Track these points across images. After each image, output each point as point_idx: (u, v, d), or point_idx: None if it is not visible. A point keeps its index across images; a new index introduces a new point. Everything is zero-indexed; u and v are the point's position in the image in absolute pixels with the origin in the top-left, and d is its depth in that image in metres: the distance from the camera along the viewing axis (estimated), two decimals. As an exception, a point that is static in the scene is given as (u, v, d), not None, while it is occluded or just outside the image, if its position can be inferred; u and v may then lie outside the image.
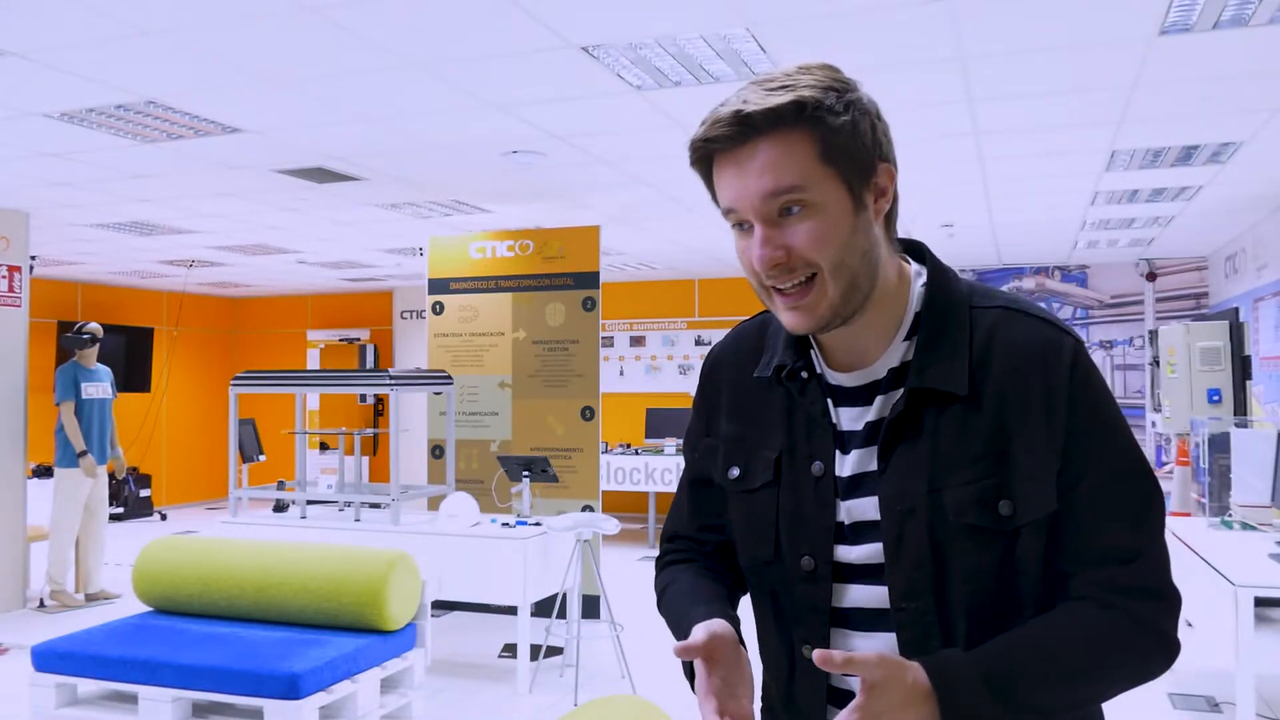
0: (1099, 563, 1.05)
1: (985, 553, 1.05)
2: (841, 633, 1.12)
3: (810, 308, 1.05)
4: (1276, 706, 4.34)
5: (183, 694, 3.60)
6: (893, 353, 1.12)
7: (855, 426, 1.13)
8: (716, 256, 8.88)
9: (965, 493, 1.05)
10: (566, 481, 6.20)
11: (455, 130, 4.64)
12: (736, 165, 1.04)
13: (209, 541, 4.34)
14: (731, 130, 1.02)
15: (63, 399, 6.39)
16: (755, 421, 1.20)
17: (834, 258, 1.03)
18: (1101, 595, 1.04)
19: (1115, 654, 1.04)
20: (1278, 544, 4.02)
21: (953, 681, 0.99)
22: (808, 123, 1.02)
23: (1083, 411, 1.06)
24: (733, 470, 1.21)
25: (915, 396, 1.08)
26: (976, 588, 1.05)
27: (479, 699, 4.62)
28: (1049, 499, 1.05)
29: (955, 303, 1.12)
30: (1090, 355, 1.11)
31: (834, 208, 1.03)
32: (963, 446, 1.06)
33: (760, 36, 3.44)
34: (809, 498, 1.13)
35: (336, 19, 3.26)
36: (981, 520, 1.04)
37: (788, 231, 1.03)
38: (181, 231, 7.41)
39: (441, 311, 6.69)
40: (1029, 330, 1.09)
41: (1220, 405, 6.57)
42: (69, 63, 3.69)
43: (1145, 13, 3.24)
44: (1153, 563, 1.06)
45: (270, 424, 11.36)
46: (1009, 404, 1.06)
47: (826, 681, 1.13)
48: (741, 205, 1.04)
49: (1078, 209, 6.65)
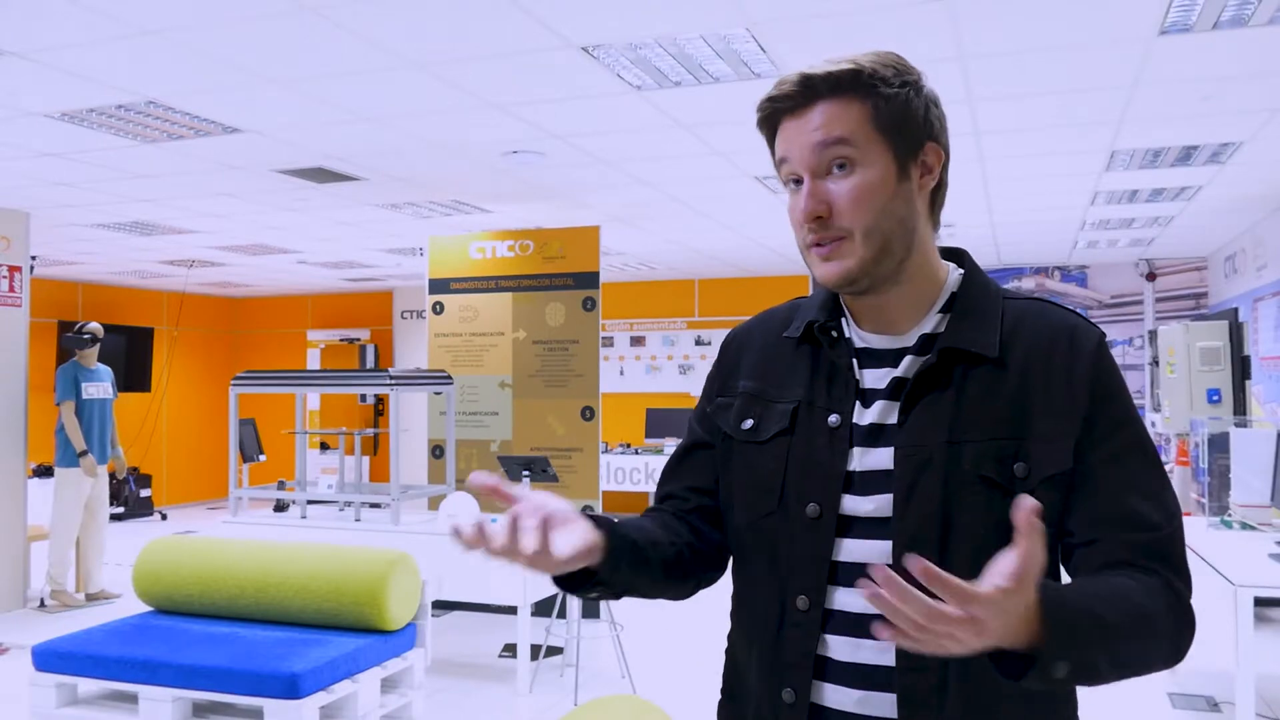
0: (1130, 527, 1.06)
1: (995, 510, 1.06)
2: (832, 587, 1.12)
3: (841, 259, 1.11)
4: (1276, 706, 4.34)
5: (183, 694, 3.60)
6: (925, 323, 1.17)
7: (879, 385, 1.16)
8: (716, 256, 8.88)
9: (985, 448, 1.08)
10: (566, 481, 6.20)
11: (455, 130, 4.64)
12: (796, 121, 1.13)
13: (209, 541, 4.34)
14: (795, 90, 1.12)
15: (63, 399, 6.39)
16: (776, 378, 1.23)
17: (869, 220, 1.10)
18: (1138, 559, 1.04)
19: (1161, 616, 1.02)
20: (1277, 544, 4.02)
21: (1060, 592, 0.96)
22: (864, 89, 1.10)
23: (1104, 391, 1.10)
24: (746, 422, 1.22)
25: (946, 355, 1.12)
26: (981, 545, 1.04)
27: (479, 699, 4.62)
28: (1064, 457, 1.07)
29: (990, 290, 1.19)
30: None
31: (878, 171, 1.11)
32: (986, 405, 1.10)
33: (760, 36, 3.45)
34: (823, 447, 1.14)
35: (336, 19, 3.26)
36: (998, 475, 1.07)
37: (832, 187, 1.11)
38: (181, 231, 7.42)
39: (441, 311, 6.69)
40: (1059, 316, 1.15)
41: (1220, 405, 6.57)
42: (69, 63, 3.69)
43: (1145, 13, 3.24)
44: (1178, 539, 1.07)
45: (270, 424, 11.36)
46: (1033, 372, 1.10)
47: (816, 637, 1.12)
48: (794, 156, 1.12)
49: (1078, 209, 6.65)
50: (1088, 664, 0.96)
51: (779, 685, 1.14)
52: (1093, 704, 4.44)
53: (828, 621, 1.12)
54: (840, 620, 1.12)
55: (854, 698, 1.10)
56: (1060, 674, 0.94)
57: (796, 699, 1.12)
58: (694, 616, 6.19)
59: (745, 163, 5.29)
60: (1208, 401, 6.60)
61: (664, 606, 6.49)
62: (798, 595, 1.13)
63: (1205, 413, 6.42)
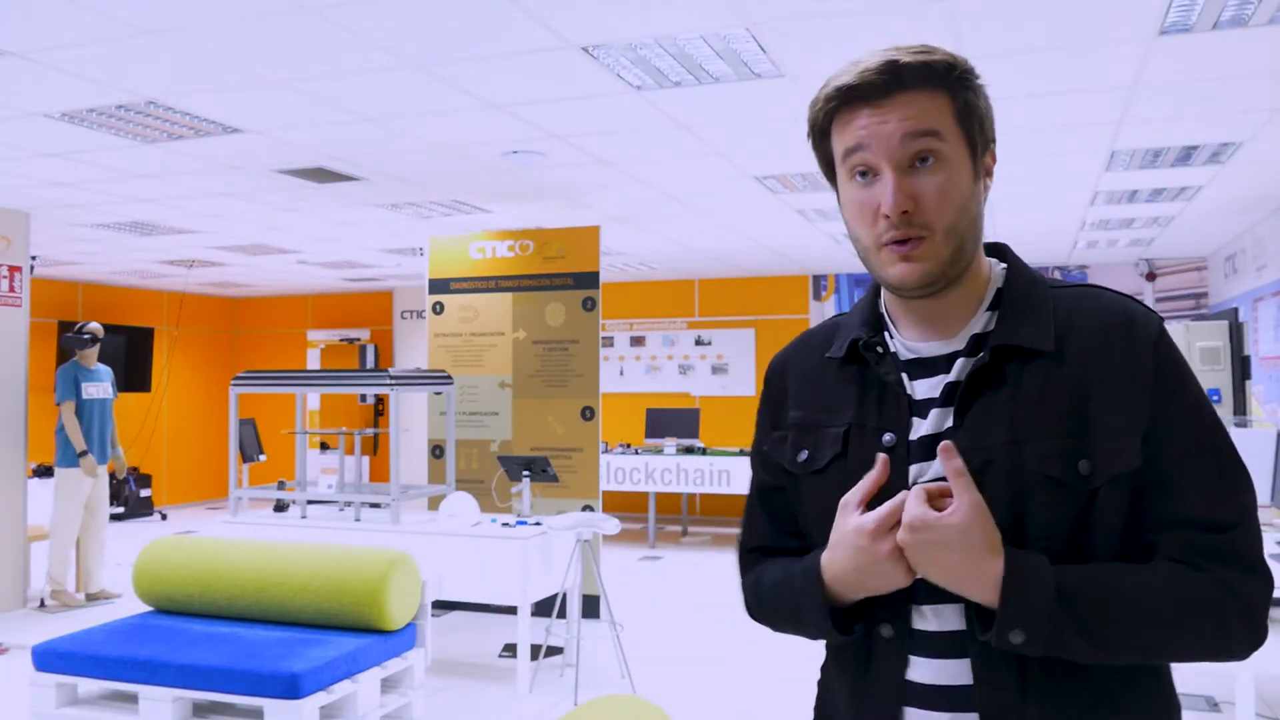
0: (1190, 528, 1.03)
1: (1063, 508, 1.02)
2: (915, 609, 1.09)
3: (921, 259, 1.06)
4: (1276, 706, 4.34)
5: (183, 694, 3.60)
6: (975, 323, 1.13)
7: (932, 394, 1.11)
8: (716, 256, 8.88)
9: (1047, 447, 1.03)
10: (566, 481, 6.20)
11: (455, 130, 4.64)
12: (876, 109, 1.06)
13: (209, 541, 4.34)
14: (880, 79, 1.05)
15: (63, 399, 6.40)
16: (824, 404, 1.19)
17: (951, 219, 1.06)
18: (1192, 558, 1.01)
19: (1194, 610, 1.00)
20: (1278, 544, 4.02)
21: (1026, 561, 1.00)
22: (954, 84, 1.06)
23: (1169, 381, 1.05)
24: (801, 454, 1.19)
25: (1000, 352, 1.08)
26: (1051, 545, 1.02)
27: (479, 699, 4.62)
28: (1132, 456, 1.02)
29: (1038, 281, 1.14)
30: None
31: (961, 169, 1.07)
32: (1045, 402, 1.05)
33: (760, 36, 3.45)
34: None
35: (336, 19, 3.26)
36: (1063, 475, 1.02)
37: (918, 182, 1.05)
38: (181, 231, 7.42)
39: (441, 311, 6.69)
40: (1114, 303, 1.10)
41: (1220, 405, 6.57)
42: (69, 63, 3.69)
43: (1145, 13, 3.24)
44: (1245, 534, 1.03)
45: (270, 424, 11.37)
46: (1091, 365, 1.06)
47: (904, 670, 1.10)
48: (876, 145, 1.05)
49: (1078, 209, 6.65)
50: (1052, 638, 0.98)
51: (867, 713, 1.12)
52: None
53: (910, 644, 1.10)
54: (922, 641, 1.09)
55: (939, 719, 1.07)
56: (1017, 641, 0.98)
57: None
58: (694, 616, 6.19)
59: (745, 163, 5.28)
60: (1208, 401, 6.60)
61: (664, 606, 6.49)
62: (882, 624, 1.11)
63: (1205, 413, 6.41)
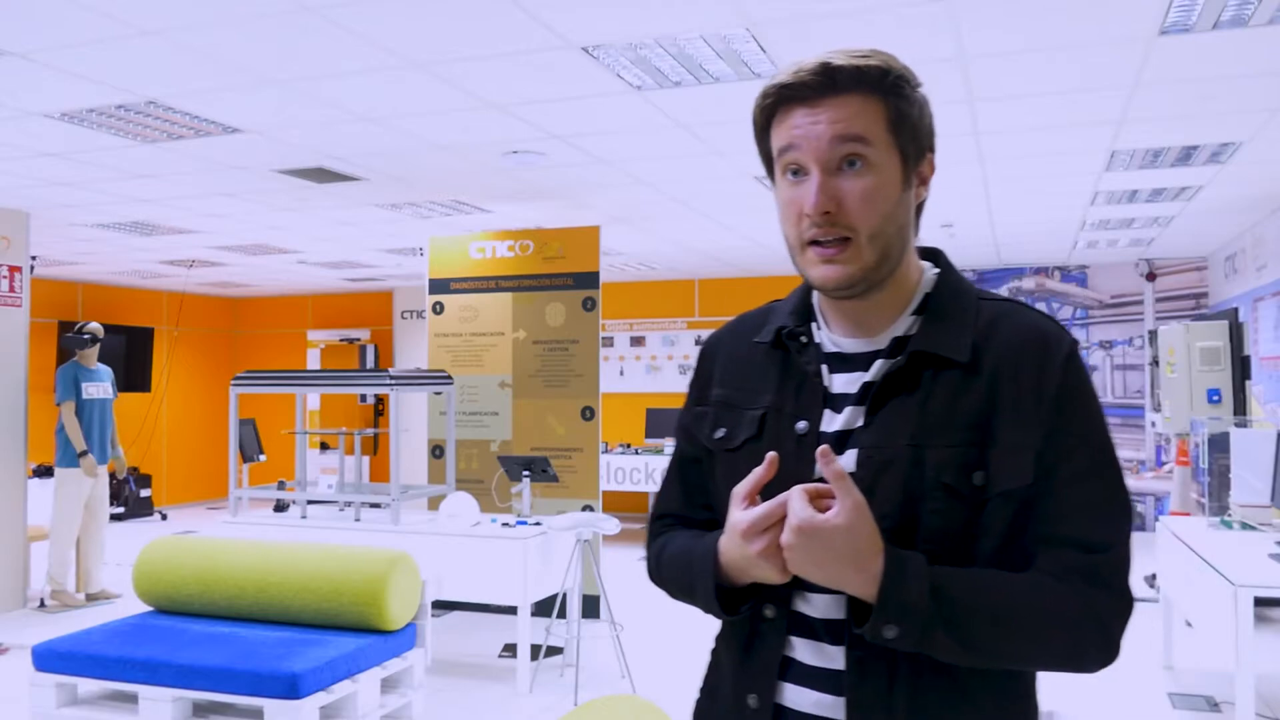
0: (1066, 546, 1.06)
1: (954, 515, 1.06)
2: (797, 592, 1.13)
3: (844, 262, 1.08)
4: (1276, 706, 4.34)
5: (183, 694, 3.60)
6: (898, 325, 1.15)
7: (849, 389, 1.14)
8: (716, 256, 8.88)
9: (947, 454, 1.06)
10: (566, 481, 6.20)
11: (455, 130, 4.64)
12: (810, 109, 1.08)
13: (209, 541, 4.34)
14: (816, 80, 1.07)
15: (63, 399, 6.39)
16: (747, 385, 1.22)
17: (875, 224, 1.07)
18: (1063, 575, 1.05)
19: (1055, 623, 1.04)
20: (1278, 544, 4.02)
21: (905, 559, 1.03)
22: (887, 90, 1.08)
23: (1072, 402, 1.08)
24: (719, 431, 1.23)
25: (916, 358, 1.11)
26: (937, 549, 1.06)
27: (479, 699, 4.62)
28: (1025, 472, 1.06)
29: (965, 290, 1.17)
30: (1084, 361, 1.13)
31: (889, 175, 1.08)
32: (953, 411, 1.08)
33: (760, 36, 3.44)
34: (790, 454, 1.13)
35: (336, 19, 3.26)
36: (958, 484, 1.06)
37: (844, 184, 1.07)
38: (181, 231, 7.42)
39: (441, 311, 6.69)
40: (1033, 320, 1.13)
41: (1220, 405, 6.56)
42: (69, 63, 3.69)
43: (1145, 13, 3.24)
44: (1116, 560, 1.07)
45: (270, 424, 11.36)
46: (1002, 379, 1.08)
47: (783, 649, 1.14)
48: (806, 145, 1.07)
49: (1078, 209, 6.65)
50: (922, 635, 1.02)
51: (747, 690, 1.16)
52: (1092, 703, 4.44)
53: (791, 625, 1.14)
54: (802, 624, 1.13)
55: (811, 699, 1.12)
56: (890, 635, 1.02)
57: (761, 704, 1.14)
58: (694, 616, 6.18)
59: (745, 163, 5.28)
60: (1208, 402, 6.60)
61: (664, 606, 6.48)
62: (766, 605, 1.15)
63: (1205, 413, 6.42)
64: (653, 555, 1.31)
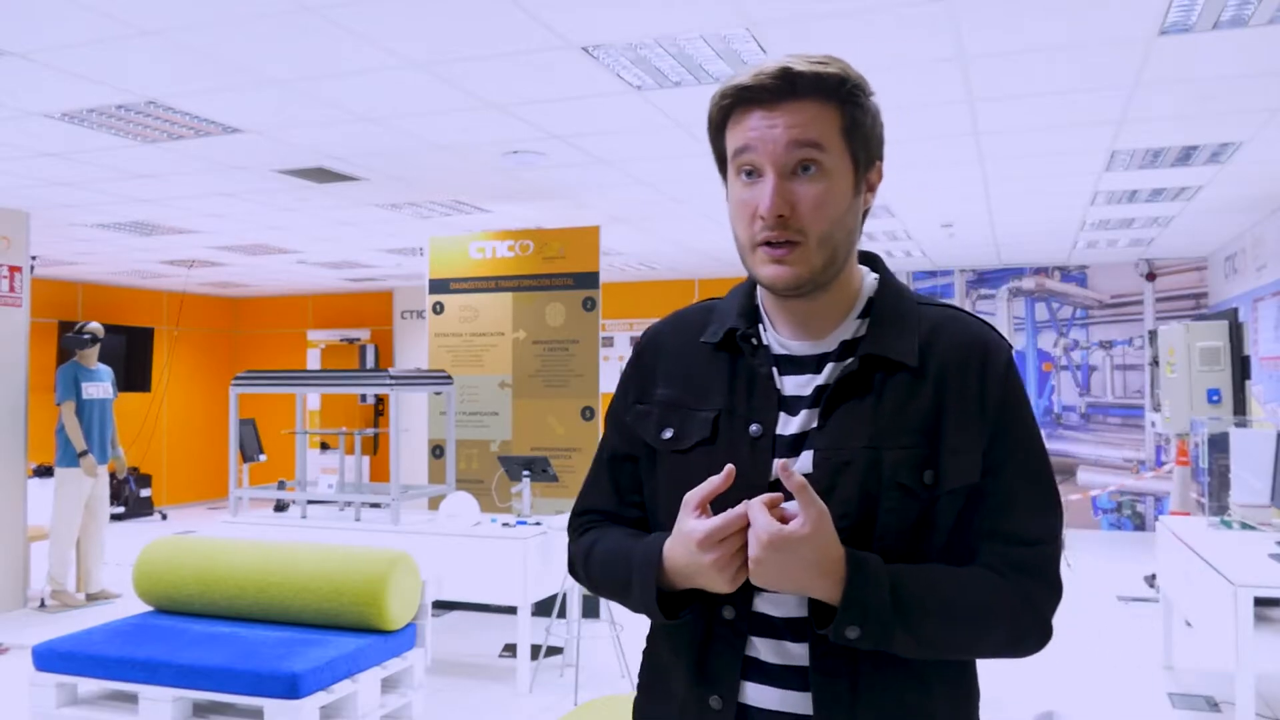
0: (1005, 540, 1.13)
1: (908, 513, 1.10)
2: (759, 593, 1.14)
3: (794, 264, 1.11)
4: (1276, 706, 4.34)
5: (183, 694, 3.60)
6: (845, 328, 1.18)
7: (802, 392, 1.16)
8: (716, 256, 8.88)
9: (902, 455, 1.11)
10: (566, 481, 6.20)
11: (455, 130, 4.64)
12: (767, 112, 1.09)
13: (209, 541, 4.34)
14: (774, 83, 1.08)
15: (63, 399, 6.39)
16: (694, 386, 1.22)
17: (826, 228, 1.10)
18: (1001, 567, 1.12)
19: (999, 614, 1.10)
20: (1277, 544, 4.02)
21: (864, 562, 1.06)
22: (844, 98, 1.10)
23: (1013, 409, 1.15)
24: (666, 431, 1.22)
25: (868, 361, 1.14)
26: (892, 546, 1.09)
27: (479, 699, 4.62)
28: (972, 471, 1.12)
29: (905, 295, 1.22)
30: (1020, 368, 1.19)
31: (841, 181, 1.11)
32: (905, 413, 1.12)
33: (760, 36, 3.45)
34: (745, 457, 1.14)
35: (336, 19, 3.26)
36: (912, 483, 1.10)
37: (798, 189, 1.09)
38: (181, 231, 7.42)
39: (441, 311, 6.69)
40: (973, 328, 1.18)
41: (1220, 405, 6.57)
42: (69, 63, 3.69)
43: (1145, 13, 3.24)
44: (1051, 553, 1.14)
45: (270, 424, 11.36)
46: (948, 384, 1.13)
47: (744, 648, 1.14)
48: (762, 148, 1.09)
49: (1077, 209, 6.65)
50: (883, 635, 1.05)
51: (708, 691, 1.16)
52: (1092, 703, 4.44)
53: (751, 625, 1.15)
54: (762, 623, 1.14)
55: (776, 697, 1.13)
56: (853, 635, 1.05)
57: (724, 704, 1.14)
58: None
59: (745, 163, 5.28)
60: (1208, 401, 6.61)
61: (664, 606, 6.48)
62: (724, 606, 1.15)
63: (1205, 413, 6.43)
64: (580, 551, 1.30)
